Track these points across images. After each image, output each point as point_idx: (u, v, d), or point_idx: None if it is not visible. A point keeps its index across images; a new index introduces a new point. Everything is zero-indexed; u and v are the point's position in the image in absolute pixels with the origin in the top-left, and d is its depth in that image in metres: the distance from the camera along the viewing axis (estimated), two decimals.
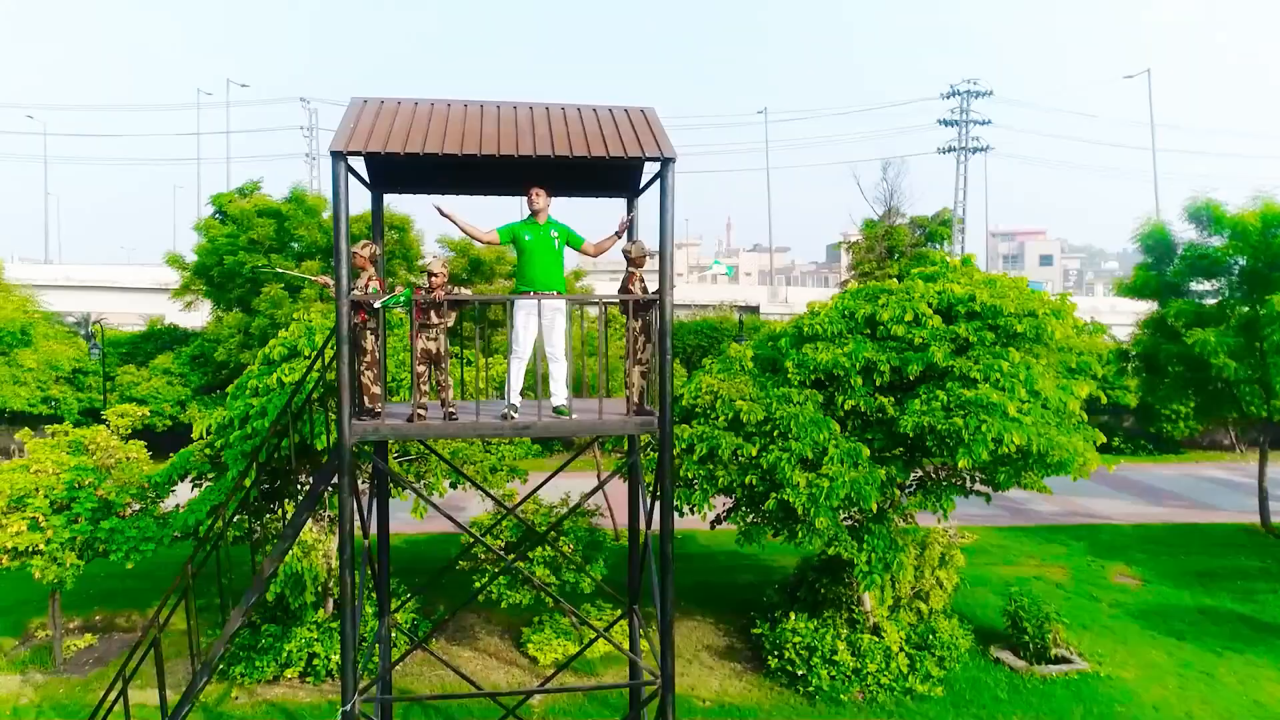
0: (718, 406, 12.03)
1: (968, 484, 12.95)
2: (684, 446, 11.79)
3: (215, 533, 9.01)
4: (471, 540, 8.60)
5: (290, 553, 12.68)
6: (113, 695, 8.73)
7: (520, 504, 9.62)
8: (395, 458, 13.75)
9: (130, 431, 14.24)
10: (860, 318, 12.63)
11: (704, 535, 18.75)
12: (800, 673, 12.44)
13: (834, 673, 12.36)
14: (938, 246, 35.87)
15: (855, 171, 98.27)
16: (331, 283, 7.15)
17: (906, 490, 13.17)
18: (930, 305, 12.48)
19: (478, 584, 12.95)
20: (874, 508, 11.13)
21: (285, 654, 12.76)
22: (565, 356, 7.61)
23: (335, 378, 7.05)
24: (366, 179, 8.84)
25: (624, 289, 7.70)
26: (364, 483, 12.61)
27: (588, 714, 11.85)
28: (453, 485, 13.87)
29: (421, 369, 7.34)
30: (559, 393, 7.59)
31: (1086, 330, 39.28)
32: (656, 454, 11.05)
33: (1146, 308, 21.19)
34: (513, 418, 7.38)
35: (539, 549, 12.97)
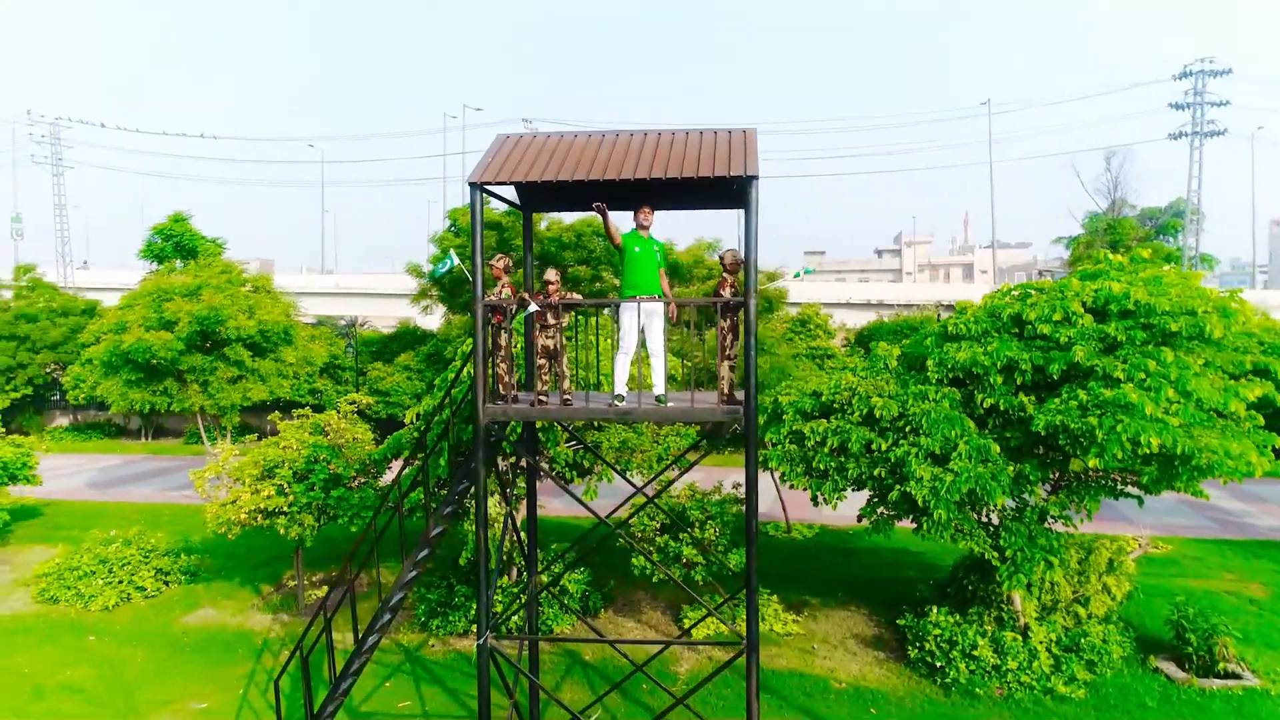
0: (854, 403, 12.59)
1: (1116, 486, 12.65)
2: (817, 440, 12.47)
3: (392, 500, 10.89)
4: (597, 520, 9.79)
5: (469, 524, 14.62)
6: (317, 626, 10.81)
7: (646, 485, 10.68)
8: (569, 445, 15.35)
9: (357, 417, 16.84)
10: (1006, 316, 12.74)
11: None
12: (939, 665, 12.74)
13: (973, 667, 12.57)
14: (1170, 240, 33.35)
15: (1074, 163, 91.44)
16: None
17: (1059, 489, 13.05)
18: (1084, 304, 12.38)
19: (635, 561, 14.26)
20: (999, 503, 11.31)
21: (474, 611, 14.69)
22: (663, 352, 8.69)
23: (485, 370, 8.55)
24: (517, 201, 10.35)
25: (717, 293, 8.66)
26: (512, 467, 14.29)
27: (728, 683, 12.79)
28: (622, 471, 15.30)
29: (542, 362, 8.69)
30: (658, 383, 8.68)
31: None
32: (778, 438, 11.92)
33: None
34: (617, 404, 8.56)
35: (686, 533, 14.08)
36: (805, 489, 12.55)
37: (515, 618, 13.43)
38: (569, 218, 31.47)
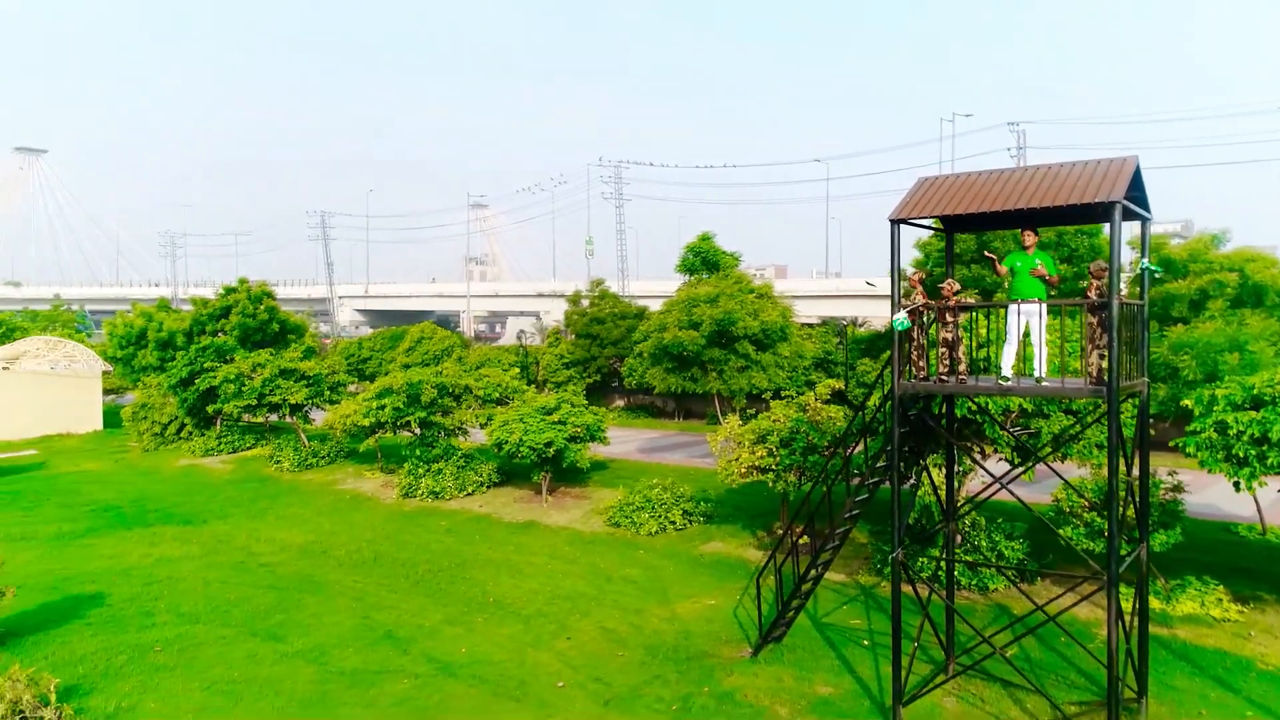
0: None
1: None
2: (1239, 429, 13.18)
3: (833, 468, 14.34)
4: (995, 480, 12.17)
5: (922, 489, 17.45)
6: (786, 547, 14.74)
7: (1035, 463, 12.45)
8: (1012, 430, 17.40)
9: (833, 399, 20.64)
10: None
11: None
12: None
13: None
14: None
15: None
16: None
17: None
18: None
19: (1062, 532, 15.93)
20: None
21: (918, 564, 17.55)
22: (1042, 343, 10.93)
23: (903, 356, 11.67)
24: (941, 226, 13.15)
25: (1085, 295, 10.67)
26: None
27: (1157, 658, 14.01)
28: (1064, 456, 16.97)
29: (943, 350, 11.47)
30: (1038, 368, 10.95)
31: None
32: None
33: None
34: (1001, 383, 11.04)
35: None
36: (1224, 474, 13.33)
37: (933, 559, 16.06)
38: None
